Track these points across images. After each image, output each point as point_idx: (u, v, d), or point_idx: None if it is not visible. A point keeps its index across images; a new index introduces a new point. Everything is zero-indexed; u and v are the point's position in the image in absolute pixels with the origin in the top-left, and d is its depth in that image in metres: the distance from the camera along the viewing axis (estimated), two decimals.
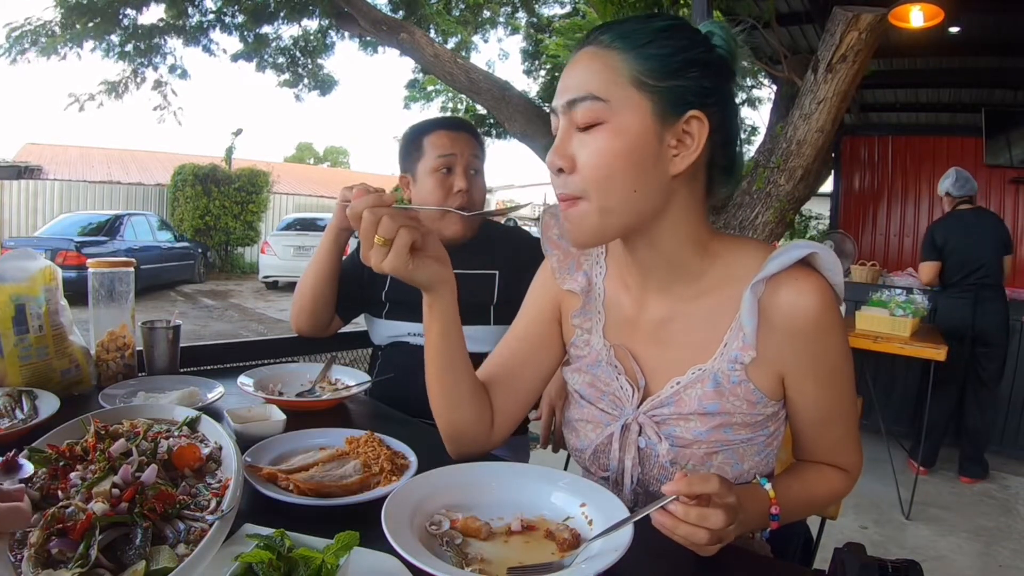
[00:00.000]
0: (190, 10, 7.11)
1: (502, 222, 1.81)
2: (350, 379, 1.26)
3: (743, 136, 0.77)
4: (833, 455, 0.80)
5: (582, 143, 0.68)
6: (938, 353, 2.72)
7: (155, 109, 8.04)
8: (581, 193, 0.69)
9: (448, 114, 8.52)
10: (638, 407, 0.78)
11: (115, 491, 0.62)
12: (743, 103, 7.45)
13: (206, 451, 0.77)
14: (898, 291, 3.14)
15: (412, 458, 0.85)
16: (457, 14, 8.50)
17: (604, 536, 0.64)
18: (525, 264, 1.41)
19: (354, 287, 1.46)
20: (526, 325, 0.91)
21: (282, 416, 0.99)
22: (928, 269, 3.38)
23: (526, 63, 9.93)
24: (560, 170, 0.69)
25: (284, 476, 0.77)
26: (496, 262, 1.41)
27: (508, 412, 0.89)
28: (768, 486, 0.73)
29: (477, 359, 1.38)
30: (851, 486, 0.82)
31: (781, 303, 0.70)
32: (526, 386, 0.90)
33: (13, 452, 0.69)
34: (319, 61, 8.38)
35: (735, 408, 0.74)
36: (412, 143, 1.41)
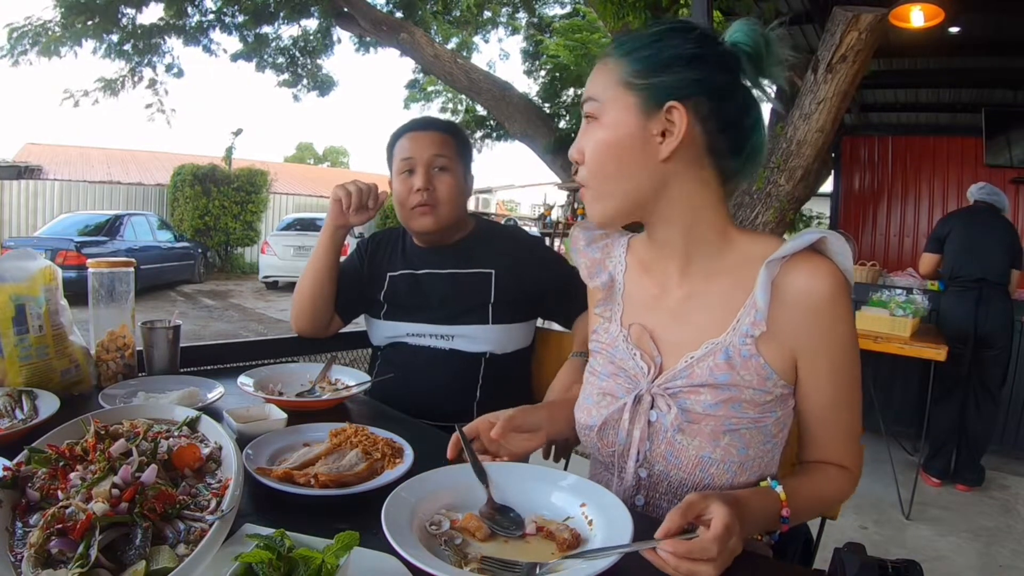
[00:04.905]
0: (190, 10, 7.10)
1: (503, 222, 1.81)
2: (350, 379, 1.26)
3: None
4: (838, 450, 0.82)
5: (586, 138, 0.79)
6: (938, 353, 2.71)
7: (147, 107, 8.04)
8: (584, 180, 0.80)
9: (433, 115, 8.46)
10: (652, 381, 0.81)
11: (115, 491, 0.62)
12: None
13: (206, 451, 0.77)
14: (898, 291, 3.12)
15: (402, 441, 0.90)
16: (457, 14, 8.50)
17: (590, 555, 0.63)
18: (523, 262, 1.41)
19: (354, 287, 1.46)
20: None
21: (282, 415, 0.99)
22: (926, 261, 3.37)
23: (526, 63, 9.93)
24: (577, 161, 0.81)
25: (301, 473, 0.78)
26: (492, 261, 1.41)
27: None
28: (779, 488, 0.74)
29: (475, 359, 1.39)
30: (855, 486, 0.83)
31: (795, 283, 0.74)
32: None
33: (18, 461, 0.70)
34: (318, 61, 8.39)
35: (745, 382, 0.76)
36: (388, 150, 1.45)
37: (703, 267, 0.81)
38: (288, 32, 7.92)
